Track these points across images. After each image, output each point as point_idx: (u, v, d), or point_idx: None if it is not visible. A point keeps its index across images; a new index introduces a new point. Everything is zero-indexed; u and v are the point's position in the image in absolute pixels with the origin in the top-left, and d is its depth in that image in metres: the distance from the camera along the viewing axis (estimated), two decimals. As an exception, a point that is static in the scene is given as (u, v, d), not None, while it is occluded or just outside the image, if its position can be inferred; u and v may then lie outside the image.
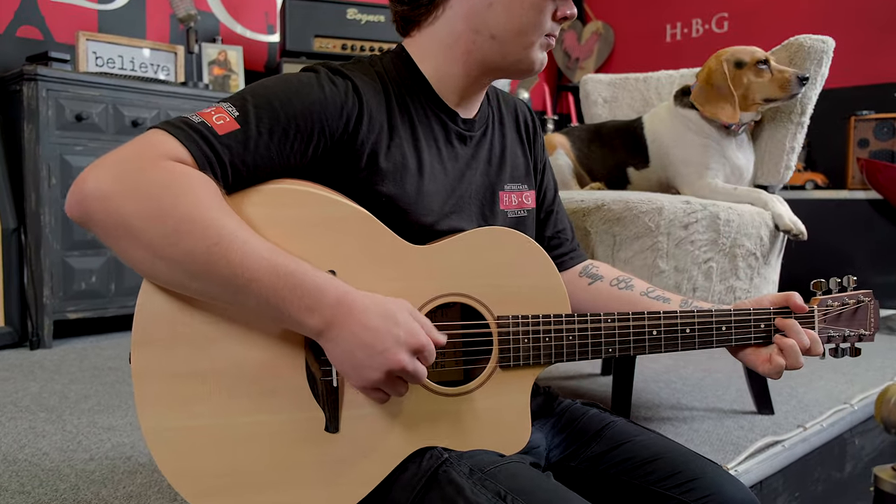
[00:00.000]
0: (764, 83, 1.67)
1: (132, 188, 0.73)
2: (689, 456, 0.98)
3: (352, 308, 0.76)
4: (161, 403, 0.79)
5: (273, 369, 0.82)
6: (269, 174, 0.83)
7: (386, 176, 0.90)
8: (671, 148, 1.79)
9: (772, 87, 1.67)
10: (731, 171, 1.73)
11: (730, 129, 1.72)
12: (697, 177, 1.72)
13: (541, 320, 0.91)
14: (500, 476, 0.82)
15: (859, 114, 3.58)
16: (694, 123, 1.76)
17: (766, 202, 1.64)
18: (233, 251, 0.73)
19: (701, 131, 1.75)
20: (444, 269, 0.88)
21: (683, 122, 1.77)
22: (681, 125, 1.77)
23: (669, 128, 1.79)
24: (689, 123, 1.76)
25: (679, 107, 1.79)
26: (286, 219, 0.82)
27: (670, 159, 1.79)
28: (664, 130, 1.81)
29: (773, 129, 1.74)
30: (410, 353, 0.77)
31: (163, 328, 0.79)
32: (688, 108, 1.77)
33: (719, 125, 1.73)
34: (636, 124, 1.87)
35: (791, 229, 1.61)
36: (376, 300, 0.78)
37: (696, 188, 1.71)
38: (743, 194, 1.66)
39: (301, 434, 0.82)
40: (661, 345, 0.97)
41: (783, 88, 1.64)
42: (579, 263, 1.15)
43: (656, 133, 1.83)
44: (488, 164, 1.03)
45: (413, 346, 0.77)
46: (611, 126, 1.94)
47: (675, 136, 1.78)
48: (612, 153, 1.88)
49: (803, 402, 1.93)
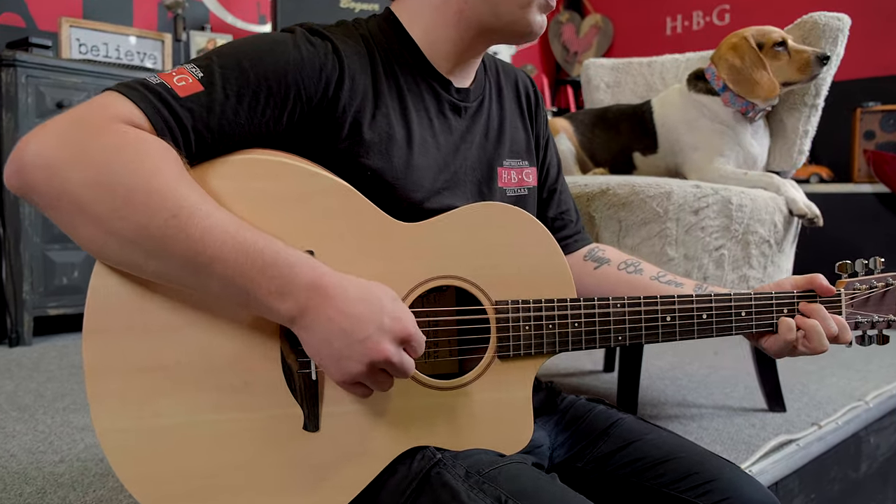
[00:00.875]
0: (782, 66, 1.58)
1: (78, 154, 0.64)
2: (705, 456, 0.91)
3: (329, 291, 0.67)
4: (117, 400, 0.71)
5: (244, 361, 0.73)
6: (237, 143, 0.74)
7: (371, 147, 0.82)
8: (682, 134, 1.70)
9: (790, 70, 1.57)
10: (745, 159, 1.64)
11: (746, 116, 1.63)
12: (707, 161, 1.63)
13: (543, 305, 0.82)
14: (500, 478, 0.74)
15: (865, 105, 3.50)
16: (709, 110, 1.67)
17: (779, 186, 1.55)
18: (193, 226, 0.64)
19: (716, 117, 1.66)
20: (436, 248, 0.79)
21: (697, 107, 1.68)
22: (694, 111, 1.68)
23: (681, 113, 1.70)
24: (703, 109, 1.67)
25: (693, 92, 1.70)
26: (257, 193, 0.73)
27: (681, 145, 1.70)
28: (676, 116, 1.71)
29: (786, 112, 1.65)
30: (396, 342, 0.69)
31: (119, 315, 0.70)
32: (703, 94, 1.68)
33: (735, 111, 1.63)
34: (644, 108, 1.78)
35: (806, 213, 1.52)
36: (358, 283, 0.70)
37: (704, 173, 1.63)
38: (754, 179, 1.57)
39: (276, 434, 0.74)
40: (675, 332, 0.88)
41: (802, 70, 1.55)
42: (584, 247, 1.07)
43: (667, 118, 1.74)
44: (485, 137, 0.94)
45: (399, 335, 0.69)
46: (616, 110, 1.85)
47: (688, 122, 1.69)
48: (617, 137, 1.79)
49: (815, 400, 1.85)
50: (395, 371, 0.70)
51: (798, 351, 0.91)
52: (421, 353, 0.71)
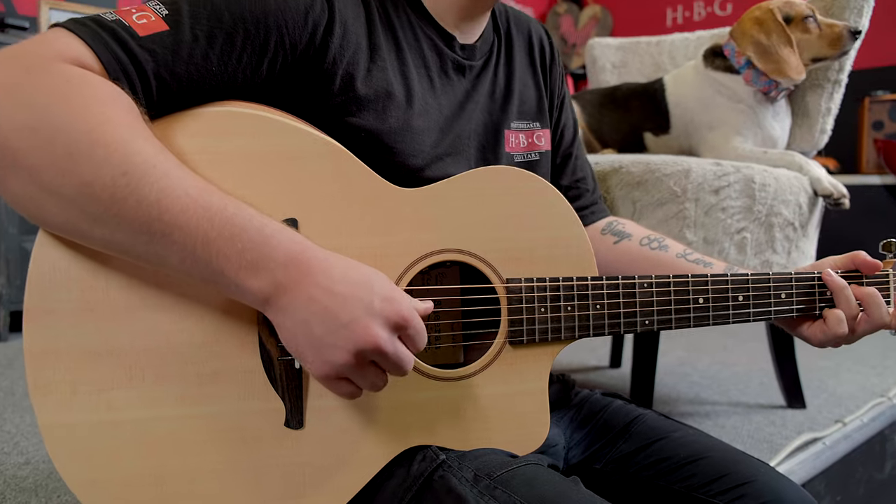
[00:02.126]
0: (812, 40, 1.46)
1: (11, 93, 0.54)
2: (737, 455, 0.82)
3: (311, 267, 0.57)
4: (64, 391, 0.60)
5: (215, 347, 0.63)
6: (208, 93, 0.64)
7: (365, 105, 0.71)
8: (697, 113, 1.58)
9: (821, 45, 1.45)
10: (763, 141, 1.53)
11: (768, 95, 1.51)
12: (724, 140, 1.52)
13: (561, 284, 0.72)
14: (515, 482, 0.64)
15: (874, 95, 3.41)
16: (727, 88, 1.55)
17: (801, 165, 1.45)
18: (146, 185, 0.53)
19: (734, 96, 1.54)
20: (440, 218, 0.69)
21: (714, 85, 1.56)
22: (710, 89, 1.56)
23: (697, 91, 1.59)
24: (721, 88, 1.56)
25: (710, 69, 1.59)
26: (232, 152, 0.62)
27: (695, 125, 1.59)
28: (690, 94, 1.60)
29: (807, 88, 1.55)
30: (389, 328, 0.57)
31: (67, 293, 0.60)
32: (721, 71, 1.57)
33: (757, 91, 1.52)
34: (656, 86, 1.67)
35: (832, 193, 1.42)
36: (346, 261, 0.59)
37: (720, 152, 1.52)
38: (774, 158, 1.46)
39: (253, 431, 0.64)
40: (708, 316, 0.78)
41: (833, 45, 1.43)
42: (602, 219, 0.97)
43: (681, 96, 1.63)
44: (490, 99, 0.84)
45: (393, 319, 0.57)
46: (626, 88, 1.74)
47: (703, 100, 1.57)
48: (626, 117, 1.68)
49: (836, 396, 1.75)
50: (387, 364, 0.59)
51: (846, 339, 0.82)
52: (422, 345, 0.60)
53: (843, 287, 0.80)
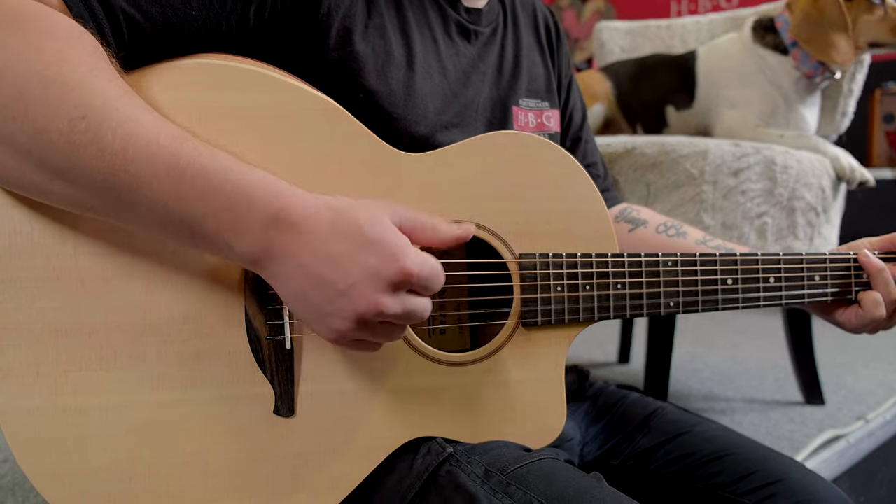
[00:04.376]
0: (873, 22, 1.34)
1: None
2: (764, 452, 0.77)
3: (295, 226, 0.50)
4: (26, 372, 0.54)
5: (197, 324, 0.56)
6: (187, 41, 0.57)
7: (365, 63, 0.65)
8: (725, 87, 1.48)
9: (882, 29, 1.33)
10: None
11: (812, 80, 1.41)
12: (740, 119, 1.43)
13: (579, 261, 0.66)
14: (530, 479, 0.58)
15: (884, 86, 3.34)
16: (772, 70, 1.44)
17: (817, 145, 1.36)
18: (109, 130, 0.47)
19: (774, 80, 1.44)
20: (446, 186, 0.62)
21: (759, 63, 1.45)
22: (754, 66, 1.45)
23: (738, 66, 1.47)
24: (765, 68, 1.45)
25: (759, 45, 1.46)
26: (215, 108, 0.56)
27: (718, 100, 1.49)
28: (727, 67, 1.49)
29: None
30: (390, 288, 0.50)
31: (28, 260, 0.53)
32: (770, 49, 1.44)
33: (802, 75, 1.41)
34: (688, 56, 1.57)
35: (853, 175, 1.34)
36: (334, 206, 0.51)
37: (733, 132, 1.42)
38: (790, 141, 1.39)
39: (238, 420, 0.57)
40: (738, 298, 0.72)
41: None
42: (615, 206, 0.91)
43: (713, 68, 1.51)
44: (498, 71, 0.78)
45: (395, 278, 0.50)
46: (657, 58, 1.63)
47: (743, 76, 1.46)
48: (652, 87, 1.57)
49: (855, 392, 1.69)
50: (401, 321, 0.52)
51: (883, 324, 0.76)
52: (438, 286, 0.52)
53: (881, 269, 0.75)
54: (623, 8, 4.97)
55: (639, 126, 1.62)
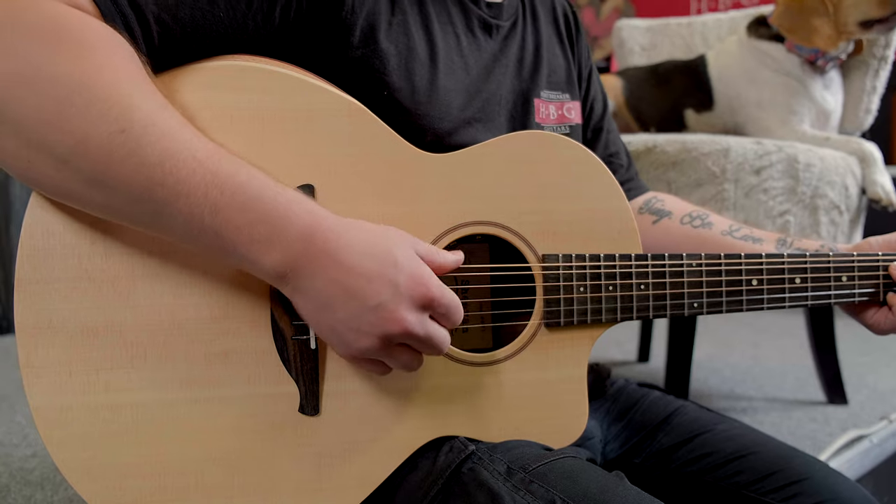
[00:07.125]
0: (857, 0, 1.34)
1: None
2: (787, 451, 0.77)
3: (329, 242, 0.51)
4: (59, 371, 0.55)
5: (224, 325, 0.57)
6: (215, 43, 0.58)
7: (388, 60, 0.66)
8: (743, 88, 1.49)
9: (869, 5, 1.33)
10: (817, 116, 1.42)
11: (816, 65, 1.41)
12: (780, 123, 1.42)
13: (602, 263, 0.66)
14: (552, 476, 0.58)
15: (908, 83, 3.29)
16: (772, 59, 1.46)
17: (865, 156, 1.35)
18: (148, 146, 0.48)
19: (780, 68, 1.44)
20: (469, 186, 0.62)
21: (758, 56, 1.47)
22: (755, 60, 1.47)
23: (740, 64, 1.49)
24: (765, 59, 1.46)
25: (753, 38, 1.49)
26: (241, 110, 0.58)
27: (741, 101, 1.48)
28: (734, 67, 1.51)
29: (852, 65, 1.46)
30: (416, 309, 0.53)
31: (63, 263, 0.55)
32: (764, 41, 1.47)
33: (803, 60, 1.41)
34: (698, 62, 1.58)
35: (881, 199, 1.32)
36: (367, 229, 0.54)
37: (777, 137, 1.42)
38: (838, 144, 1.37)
39: (264, 417, 0.58)
40: (762, 299, 0.72)
41: (883, 4, 1.31)
42: (639, 196, 0.90)
43: (724, 70, 1.53)
44: (519, 64, 0.78)
45: (420, 301, 0.53)
46: (669, 65, 1.65)
47: (749, 74, 1.48)
48: (668, 93, 1.58)
49: (878, 392, 1.67)
50: (420, 346, 0.55)
51: None
52: (458, 319, 0.55)
53: None
54: (642, 5, 4.93)
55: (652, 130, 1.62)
